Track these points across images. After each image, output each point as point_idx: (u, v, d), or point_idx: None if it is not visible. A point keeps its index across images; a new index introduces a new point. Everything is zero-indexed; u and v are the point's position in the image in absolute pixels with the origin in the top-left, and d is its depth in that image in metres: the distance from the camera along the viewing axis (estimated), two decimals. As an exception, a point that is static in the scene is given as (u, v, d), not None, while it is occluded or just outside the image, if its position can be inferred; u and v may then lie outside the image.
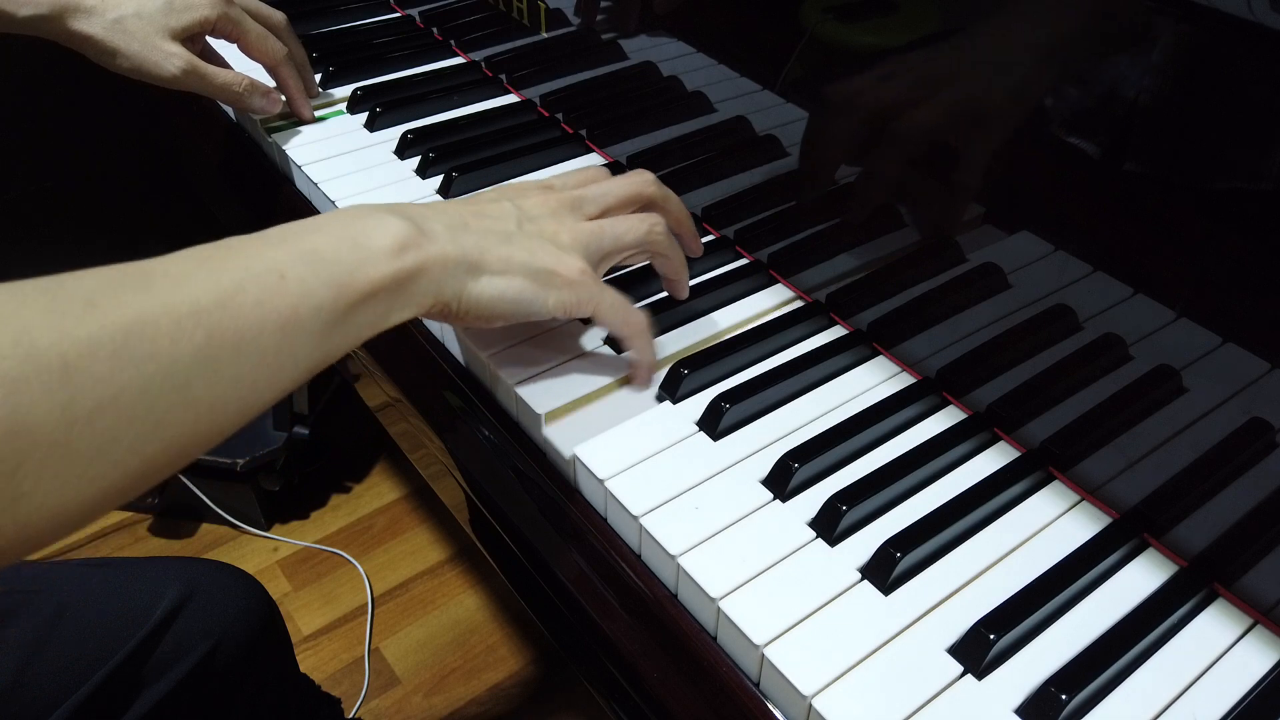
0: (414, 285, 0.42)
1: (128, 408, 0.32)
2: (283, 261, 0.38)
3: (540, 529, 0.51)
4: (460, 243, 0.44)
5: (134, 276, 0.35)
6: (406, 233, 0.42)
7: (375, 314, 0.41)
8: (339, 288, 0.39)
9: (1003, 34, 0.49)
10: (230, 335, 0.35)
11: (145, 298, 0.34)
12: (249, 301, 0.36)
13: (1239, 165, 0.41)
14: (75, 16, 0.66)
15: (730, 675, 0.43)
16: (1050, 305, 0.49)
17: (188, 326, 0.34)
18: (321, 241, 0.40)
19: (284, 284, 0.37)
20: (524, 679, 1.16)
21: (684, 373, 0.53)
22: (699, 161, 0.68)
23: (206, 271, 0.36)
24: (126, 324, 0.33)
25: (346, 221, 0.42)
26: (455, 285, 0.44)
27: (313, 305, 0.38)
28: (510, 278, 0.46)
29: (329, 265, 0.39)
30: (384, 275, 0.41)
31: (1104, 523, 0.47)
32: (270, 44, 0.74)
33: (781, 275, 0.62)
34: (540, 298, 0.47)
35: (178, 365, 0.34)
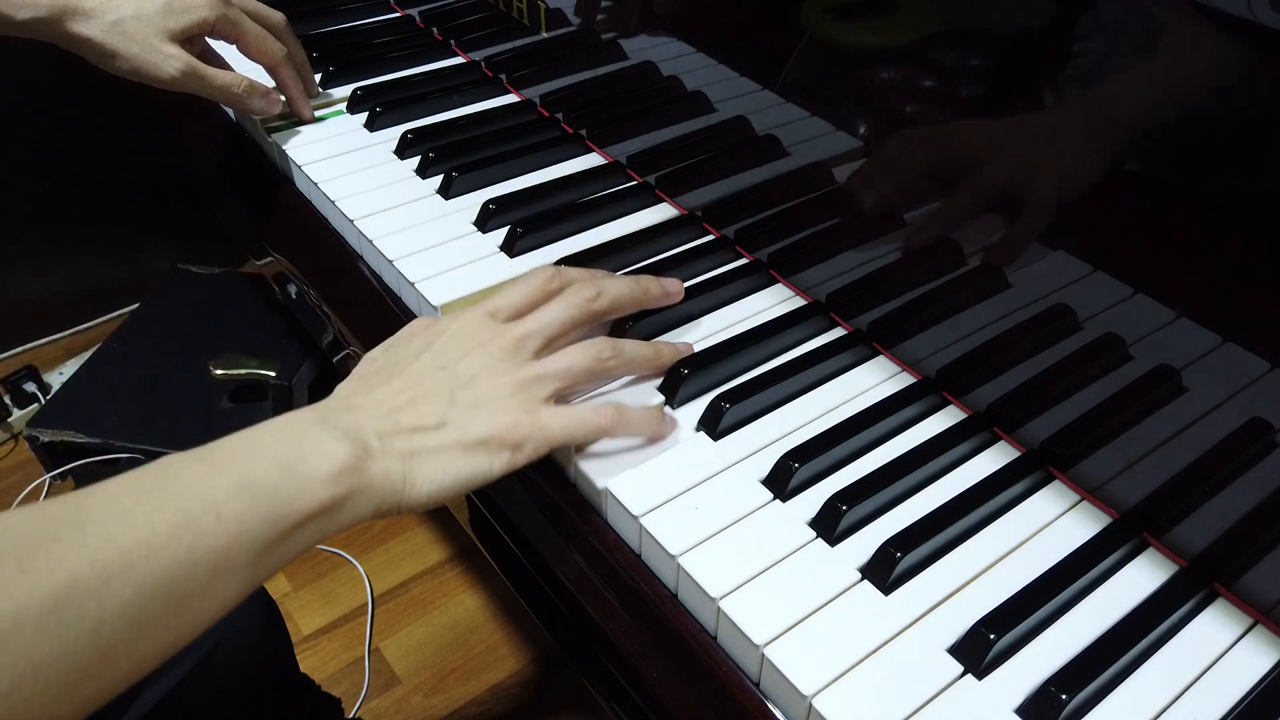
0: (350, 504, 0.41)
1: (50, 674, 0.32)
2: (220, 498, 0.37)
3: (540, 529, 0.51)
4: (391, 454, 0.43)
5: (69, 528, 0.34)
6: (346, 458, 0.41)
7: (309, 536, 0.40)
8: (275, 520, 0.38)
9: (1003, 34, 0.49)
10: (159, 585, 0.35)
11: (78, 554, 0.33)
12: (183, 548, 0.36)
13: (1239, 165, 0.41)
14: (74, 19, 0.66)
15: (730, 675, 0.43)
16: (1050, 305, 0.49)
17: (116, 585, 0.34)
18: (260, 471, 0.39)
19: (220, 524, 0.37)
20: (524, 679, 1.16)
21: (684, 373, 0.53)
22: (699, 161, 0.68)
23: (143, 513, 0.36)
24: (56, 589, 0.32)
25: (286, 443, 0.41)
26: (393, 496, 0.43)
27: (247, 542, 0.38)
28: (446, 466, 0.44)
29: (266, 499, 0.38)
30: (320, 501, 0.40)
31: (1104, 522, 0.47)
32: (269, 44, 0.74)
33: (781, 275, 0.62)
34: (483, 469, 0.45)
35: (103, 626, 0.33)
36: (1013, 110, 0.49)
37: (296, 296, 0.80)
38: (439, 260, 0.63)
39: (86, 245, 1.45)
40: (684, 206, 0.69)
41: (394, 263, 0.63)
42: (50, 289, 1.44)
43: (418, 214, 0.67)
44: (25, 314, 1.44)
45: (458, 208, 0.68)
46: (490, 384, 0.47)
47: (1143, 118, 0.44)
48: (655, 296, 0.56)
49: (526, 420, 0.46)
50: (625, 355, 0.51)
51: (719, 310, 0.60)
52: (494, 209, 0.66)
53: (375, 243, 0.64)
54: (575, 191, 0.70)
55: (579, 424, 0.47)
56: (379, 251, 0.64)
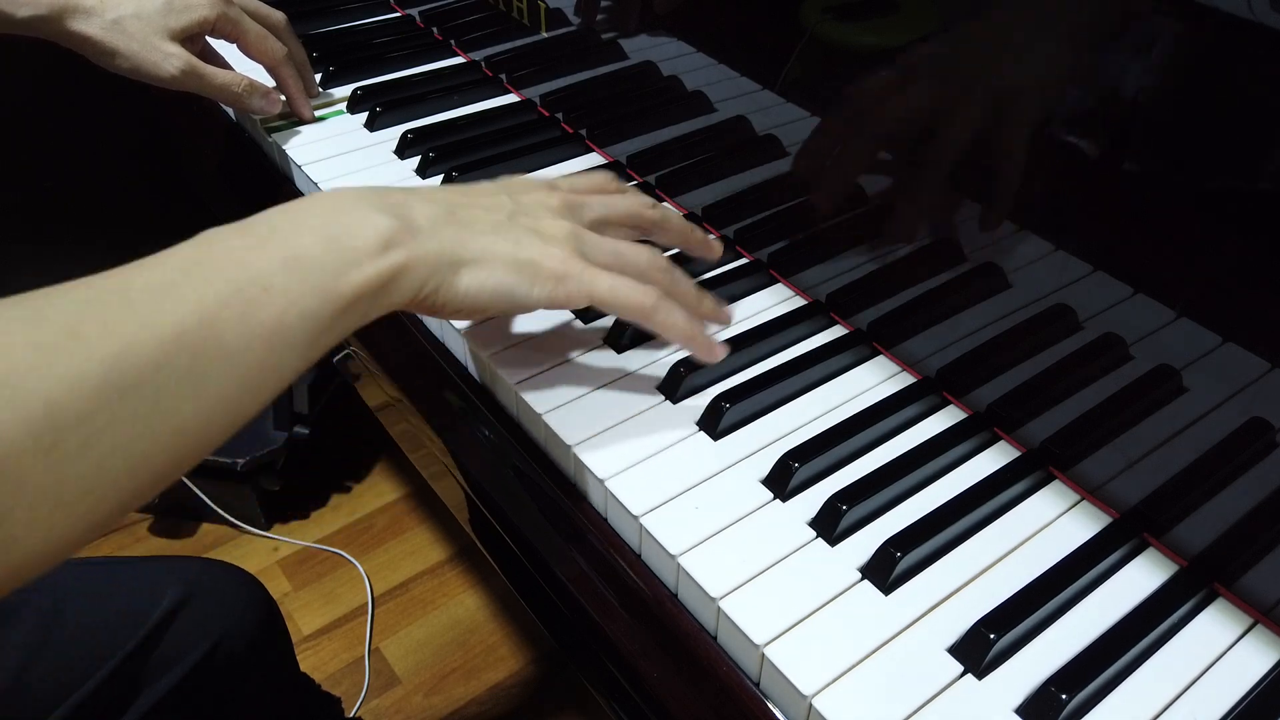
0: (397, 283, 0.41)
1: (114, 440, 0.32)
2: (267, 271, 0.37)
3: (540, 529, 0.51)
4: (442, 236, 0.43)
5: (116, 296, 0.34)
6: (390, 229, 0.41)
7: (360, 313, 0.41)
8: (324, 294, 0.38)
9: (1002, 34, 0.49)
10: (216, 354, 0.35)
11: (129, 322, 0.33)
12: (234, 317, 0.35)
13: (1239, 165, 0.41)
14: (74, 17, 0.66)
15: (730, 675, 0.43)
16: (1050, 305, 0.49)
17: (172, 351, 0.33)
18: (306, 244, 0.39)
19: (269, 296, 0.37)
20: (524, 679, 1.16)
21: (683, 372, 0.53)
22: (699, 161, 0.68)
23: (190, 285, 0.35)
24: (111, 355, 0.32)
25: (330, 217, 0.41)
26: (436, 279, 0.43)
27: (298, 313, 0.37)
28: (491, 270, 0.44)
29: (314, 272, 0.38)
30: (368, 278, 0.40)
31: (1104, 522, 0.47)
32: (270, 44, 0.74)
33: (781, 275, 0.62)
34: (522, 290, 0.45)
35: (164, 392, 0.33)
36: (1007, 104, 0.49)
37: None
38: (439, 260, 0.63)
39: (86, 245, 1.44)
40: (684, 206, 0.69)
41: (394, 262, 0.63)
42: (50, 289, 1.44)
43: (418, 214, 0.67)
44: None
45: (458, 207, 0.68)
46: (549, 219, 0.48)
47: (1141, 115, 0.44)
48: (699, 241, 0.56)
49: (578, 264, 0.46)
50: (675, 280, 0.51)
51: (719, 310, 0.60)
52: (494, 209, 0.66)
53: (375, 242, 0.64)
54: (575, 191, 0.70)
55: (625, 290, 0.47)
56: (379, 251, 0.64)
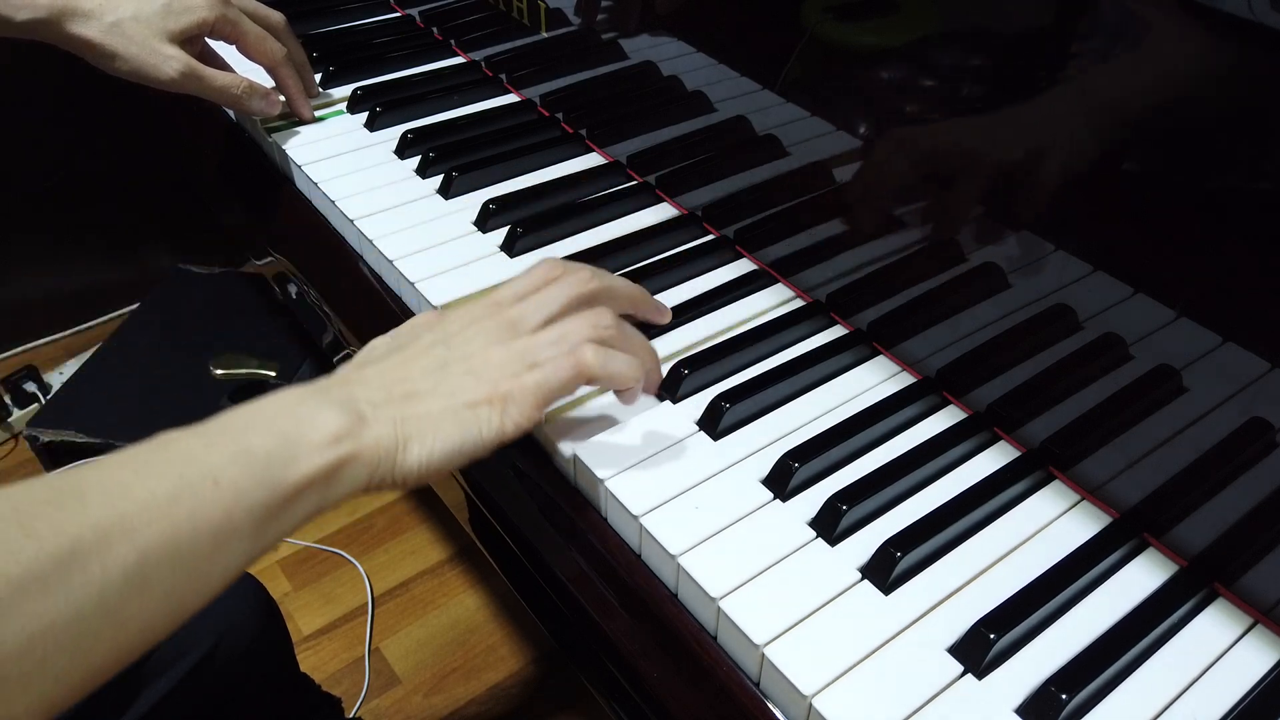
0: (345, 472, 0.41)
1: (58, 637, 0.32)
2: (216, 466, 0.38)
3: (540, 529, 0.51)
4: (383, 420, 0.43)
5: (70, 496, 0.35)
6: (339, 424, 0.41)
7: (308, 506, 0.41)
8: (272, 487, 0.39)
9: (1003, 34, 0.49)
10: (164, 551, 0.35)
11: (80, 520, 0.34)
12: (183, 514, 0.36)
13: (1239, 165, 0.41)
14: (73, 20, 0.66)
15: (730, 675, 0.43)
16: (1050, 305, 0.49)
17: (119, 548, 0.34)
18: (256, 441, 0.40)
19: (218, 491, 0.37)
20: (524, 679, 1.16)
21: (684, 373, 0.53)
22: (699, 161, 0.68)
23: (141, 482, 0.36)
24: (61, 553, 0.32)
25: (281, 414, 0.41)
26: (386, 463, 0.43)
27: (245, 507, 0.38)
28: (435, 434, 0.44)
29: (262, 465, 0.39)
30: (315, 467, 0.40)
31: (1104, 522, 0.47)
32: (269, 45, 0.74)
33: (781, 275, 0.62)
34: (472, 436, 0.45)
35: (109, 589, 0.33)
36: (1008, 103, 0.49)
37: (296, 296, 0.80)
38: (439, 260, 0.63)
39: (86, 245, 1.44)
40: (684, 206, 0.69)
41: (394, 262, 0.63)
42: (50, 289, 1.44)
43: (418, 214, 0.67)
44: (25, 314, 1.44)
45: (458, 207, 0.68)
46: (483, 355, 0.47)
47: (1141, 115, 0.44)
48: (650, 306, 0.56)
49: (508, 382, 0.46)
50: (623, 333, 0.50)
51: (719, 310, 0.60)
52: (494, 209, 0.66)
53: (375, 242, 0.64)
54: (575, 191, 0.70)
55: (553, 371, 0.47)
56: (379, 251, 0.64)
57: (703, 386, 0.54)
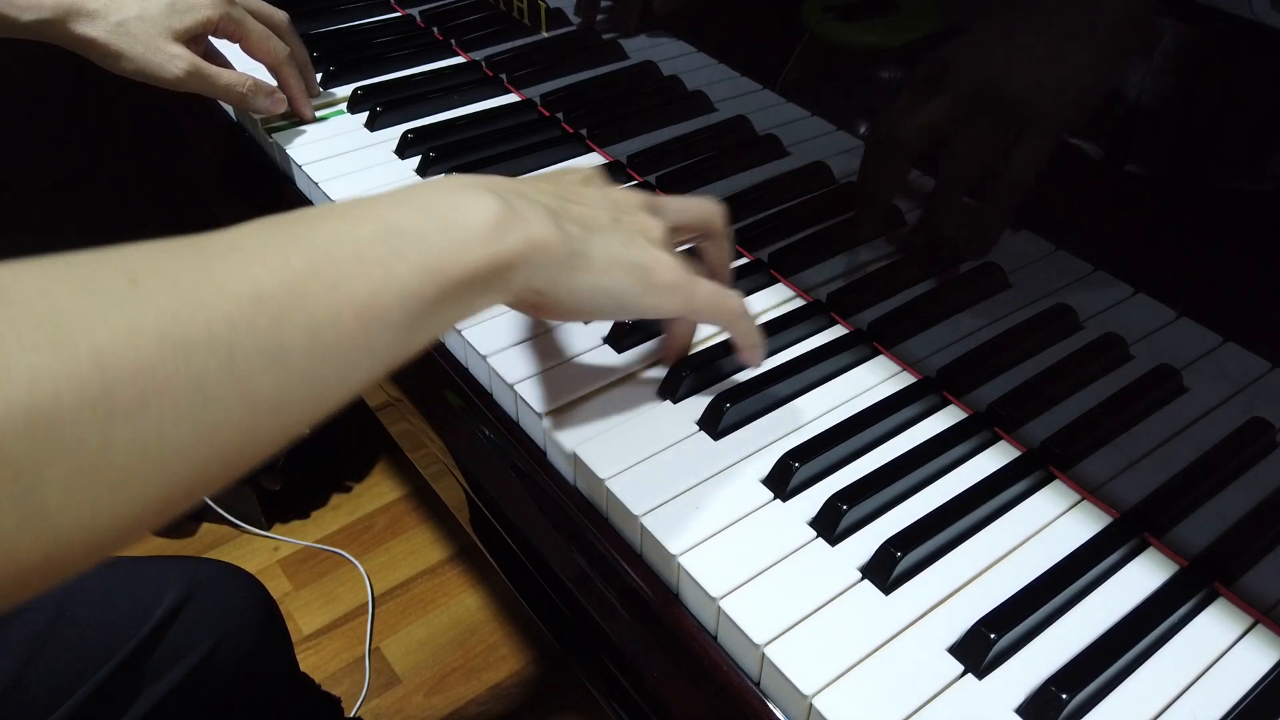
0: (511, 273, 0.37)
1: (175, 405, 0.27)
2: (362, 240, 0.33)
3: (541, 529, 0.51)
4: (562, 229, 0.40)
5: (187, 251, 0.30)
6: (500, 210, 0.37)
7: (466, 303, 0.37)
8: (427, 273, 0.34)
9: (1003, 35, 0.49)
10: (300, 324, 0.30)
11: (199, 276, 0.29)
12: (322, 286, 0.31)
13: (1239, 165, 0.41)
14: (78, 20, 0.66)
15: (731, 675, 0.43)
16: (1051, 305, 0.49)
17: (250, 312, 0.29)
18: (406, 218, 0.35)
19: (364, 268, 0.33)
20: (524, 678, 1.16)
21: (684, 373, 0.53)
22: (699, 161, 0.68)
23: (274, 248, 0.32)
24: (176, 306, 0.28)
25: (433, 195, 0.37)
26: (552, 275, 0.39)
27: (396, 291, 0.33)
28: (607, 272, 0.41)
29: (415, 246, 0.34)
30: (479, 261, 0.36)
31: (1104, 522, 0.47)
32: (272, 44, 0.74)
33: (782, 275, 0.62)
34: (634, 296, 0.43)
35: (237, 357, 0.29)
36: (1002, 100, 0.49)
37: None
38: (440, 260, 0.63)
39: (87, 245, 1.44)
40: (684, 206, 0.69)
41: (395, 262, 0.63)
42: (51, 288, 1.44)
43: (418, 213, 0.67)
44: (26, 313, 1.44)
45: (458, 207, 0.68)
46: (645, 219, 0.45)
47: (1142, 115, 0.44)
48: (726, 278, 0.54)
49: (684, 273, 0.44)
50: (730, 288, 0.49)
51: (719, 310, 0.60)
52: (494, 209, 0.66)
53: (376, 242, 0.64)
54: (576, 191, 0.70)
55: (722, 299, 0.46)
56: (380, 251, 0.64)
57: (703, 386, 0.54)
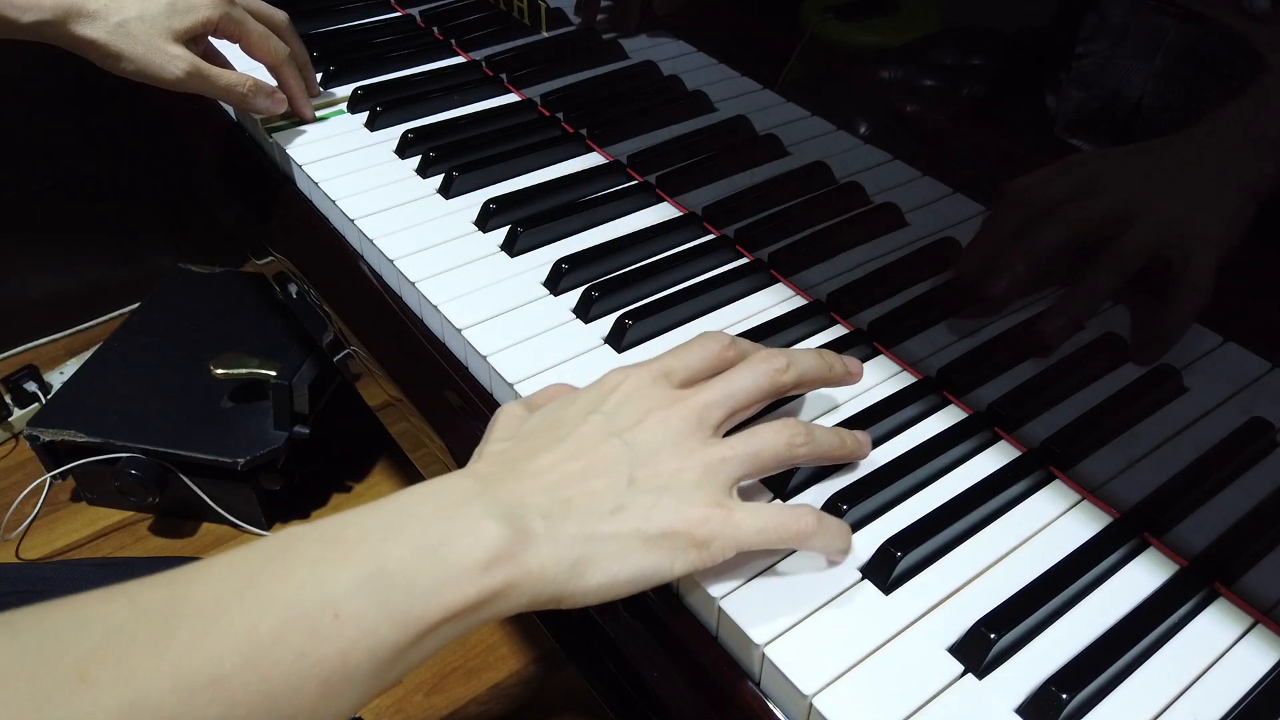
0: (502, 601, 0.35)
1: None
2: (341, 592, 0.31)
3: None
4: (561, 541, 0.36)
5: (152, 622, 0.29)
6: (502, 543, 0.34)
7: (443, 636, 0.34)
8: (405, 622, 0.32)
9: (1004, 35, 0.49)
10: (256, 701, 0.29)
11: (154, 662, 0.28)
12: (288, 655, 0.29)
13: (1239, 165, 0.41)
14: (79, 21, 0.66)
15: (731, 675, 0.43)
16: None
17: (200, 702, 0.28)
18: (395, 556, 0.32)
19: (337, 625, 0.30)
20: (525, 678, 1.16)
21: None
22: (699, 161, 0.68)
23: (244, 610, 0.30)
24: (121, 708, 0.27)
25: (429, 523, 0.34)
26: (555, 589, 0.36)
27: (368, 648, 0.31)
28: (623, 560, 0.38)
29: (399, 594, 0.32)
30: (464, 600, 0.33)
31: (1105, 522, 0.47)
32: (272, 44, 0.74)
33: (782, 275, 0.62)
34: (664, 567, 0.39)
35: None
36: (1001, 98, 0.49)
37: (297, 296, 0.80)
38: (439, 260, 0.63)
39: (86, 245, 1.44)
40: (684, 206, 0.69)
41: (395, 262, 0.63)
42: (50, 289, 1.44)
43: (418, 213, 0.67)
44: (25, 314, 1.44)
45: (458, 207, 0.68)
46: (674, 463, 0.40)
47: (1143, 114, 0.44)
48: (839, 375, 0.49)
49: (719, 516, 0.39)
50: (816, 446, 0.44)
51: (719, 310, 0.60)
52: (494, 208, 0.66)
53: (376, 242, 0.64)
54: (576, 191, 0.70)
55: (776, 526, 0.41)
56: (380, 251, 0.64)
57: (703, 386, 0.54)
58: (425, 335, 0.61)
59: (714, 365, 0.45)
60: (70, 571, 0.64)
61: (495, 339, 0.56)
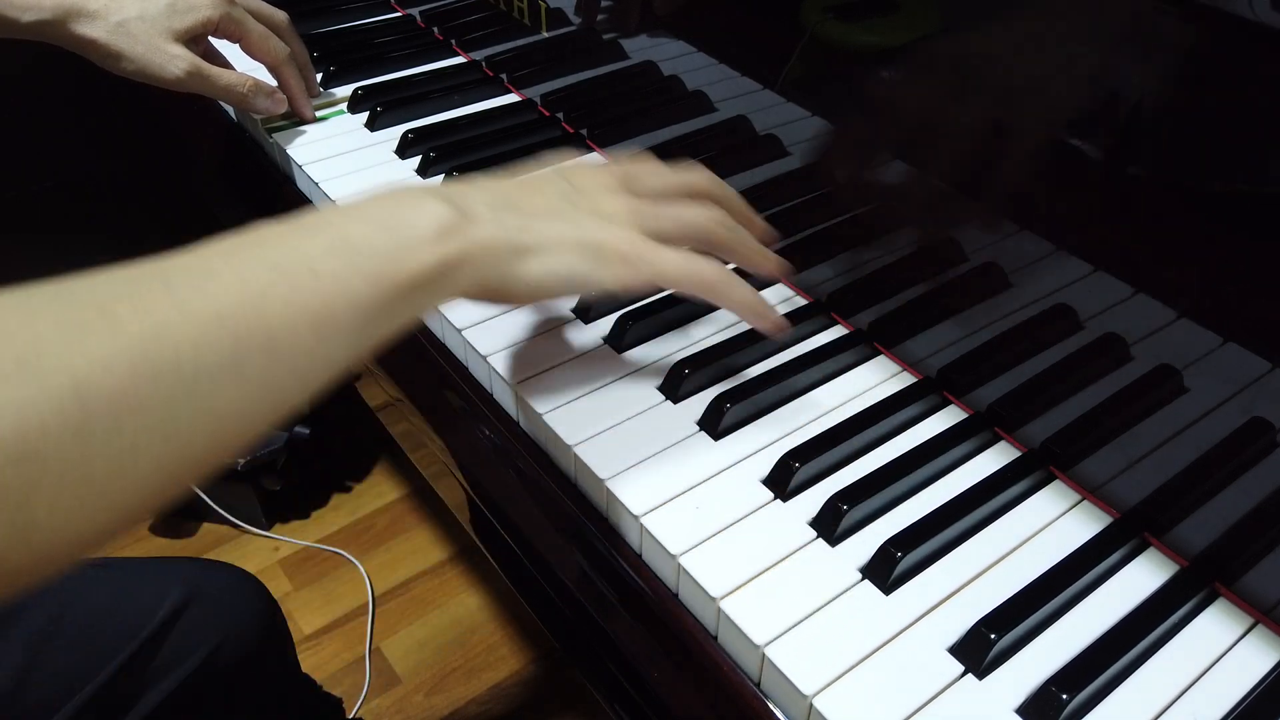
0: (457, 272, 0.40)
1: (148, 424, 0.30)
2: (314, 254, 0.36)
3: (541, 529, 0.51)
4: (504, 223, 0.42)
5: (152, 278, 0.33)
6: (448, 216, 0.39)
7: (416, 304, 0.39)
8: (377, 280, 0.37)
9: (1004, 34, 0.49)
10: (259, 339, 0.33)
11: (165, 302, 0.32)
12: (278, 301, 0.34)
13: (1239, 166, 0.41)
14: (79, 21, 0.66)
15: (731, 675, 0.43)
16: (1051, 305, 0.49)
17: (212, 332, 0.32)
18: (356, 230, 0.37)
19: (317, 280, 0.35)
20: (525, 678, 1.16)
21: (685, 373, 0.53)
22: (700, 161, 0.68)
23: (231, 269, 0.34)
24: (144, 334, 0.30)
25: (383, 206, 0.39)
26: (501, 269, 0.41)
27: (348, 300, 0.36)
28: (560, 255, 0.43)
29: (365, 256, 0.37)
30: (425, 264, 0.38)
31: (1105, 522, 0.47)
32: (272, 44, 0.74)
33: (782, 275, 0.62)
34: (593, 273, 0.44)
35: (201, 375, 0.31)
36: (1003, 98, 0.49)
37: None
38: (440, 260, 0.63)
39: (86, 245, 1.44)
40: (685, 206, 0.69)
41: (395, 262, 0.63)
42: (51, 289, 1.44)
43: (419, 214, 0.67)
44: (26, 314, 1.44)
45: (458, 207, 0.68)
46: (608, 200, 0.46)
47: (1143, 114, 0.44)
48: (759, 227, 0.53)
49: (643, 243, 0.45)
50: (739, 235, 0.50)
51: (719, 309, 0.60)
52: (495, 209, 0.66)
53: (376, 242, 0.64)
54: (576, 191, 0.70)
55: (693, 268, 0.46)
56: (380, 251, 0.64)
57: (704, 386, 0.54)
58: (425, 335, 0.61)
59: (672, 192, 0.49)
60: (73, 572, 0.63)
61: (495, 339, 0.56)
